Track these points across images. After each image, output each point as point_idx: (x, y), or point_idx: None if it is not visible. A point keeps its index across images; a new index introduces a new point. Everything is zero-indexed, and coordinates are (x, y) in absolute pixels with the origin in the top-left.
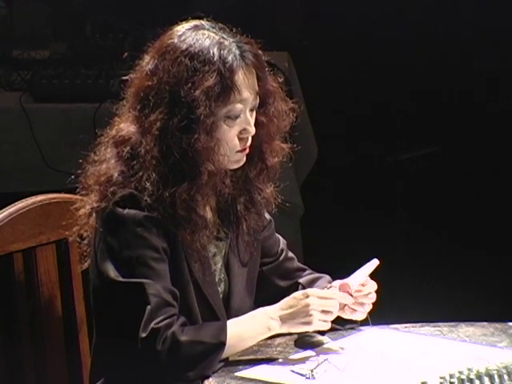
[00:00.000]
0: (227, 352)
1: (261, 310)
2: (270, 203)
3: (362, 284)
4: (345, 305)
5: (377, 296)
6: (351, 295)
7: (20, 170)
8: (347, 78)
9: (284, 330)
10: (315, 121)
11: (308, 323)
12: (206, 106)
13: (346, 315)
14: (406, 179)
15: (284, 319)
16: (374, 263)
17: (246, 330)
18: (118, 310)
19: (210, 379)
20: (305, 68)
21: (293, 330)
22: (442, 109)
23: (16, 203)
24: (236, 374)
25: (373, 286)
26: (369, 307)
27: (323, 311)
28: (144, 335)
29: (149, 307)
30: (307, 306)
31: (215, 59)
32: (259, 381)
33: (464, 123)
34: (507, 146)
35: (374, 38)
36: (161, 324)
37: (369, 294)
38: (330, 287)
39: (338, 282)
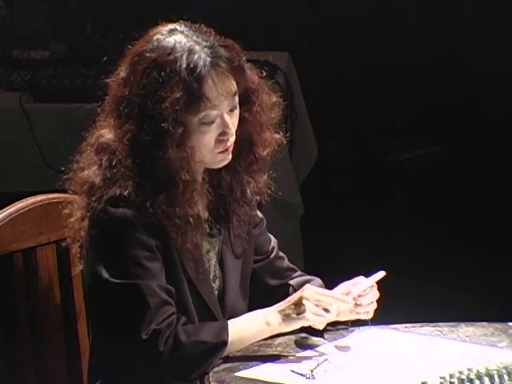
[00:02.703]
0: (229, 350)
1: (259, 309)
2: (263, 193)
3: (364, 290)
4: (352, 309)
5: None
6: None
7: (20, 170)
8: (347, 78)
9: (283, 325)
10: (315, 121)
11: (301, 313)
12: (173, 118)
13: (354, 317)
14: (405, 179)
15: (281, 312)
16: (380, 275)
17: (245, 326)
18: (114, 312)
19: (210, 379)
20: (305, 68)
21: (290, 325)
22: (441, 109)
23: (16, 203)
24: (236, 374)
25: (375, 295)
26: (370, 314)
27: (318, 306)
28: (145, 337)
29: (148, 308)
30: (301, 297)
31: (182, 69)
32: (259, 381)
33: (464, 123)
34: (507, 146)
35: (374, 38)
36: (162, 325)
37: (371, 303)
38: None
39: (341, 286)
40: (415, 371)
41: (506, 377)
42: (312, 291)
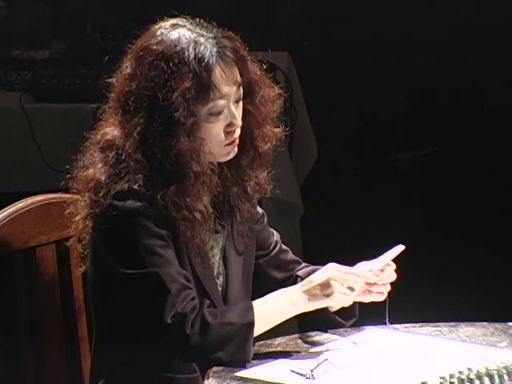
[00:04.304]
0: (256, 331)
1: (283, 289)
2: (264, 189)
3: (382, 269)
4: (366, 288)
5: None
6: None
7: (20, 170)
8: (347, 78)
9: (308, 305)
10: (315, 121)
11: (329, 295)
12: (185, 108)
13: (367, 298)
14: (405, 179)
15: (306, 292)
16: (399, 248)
17: (271, 307)
18: (135, 303)
19: (210, 379)
20: (305, 68)
21: (316, 305)
22: (442, 109)
23: (16, 203)
24: (236, 374)
25: (392, 276)
26: (384, 296)
27: (343, 285)
28: (170, 321)
29: (169, 293)
30: (329, 278)
31: (190, 59)
32: (259, 381)
33: (464, 123)
34: (507, 146)
35: (374, 38)
36: (186, 309)
37: (385, 284)
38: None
39: (360, 265)
40: (415, 371)
41: (506, 377)
42: (337, 270)
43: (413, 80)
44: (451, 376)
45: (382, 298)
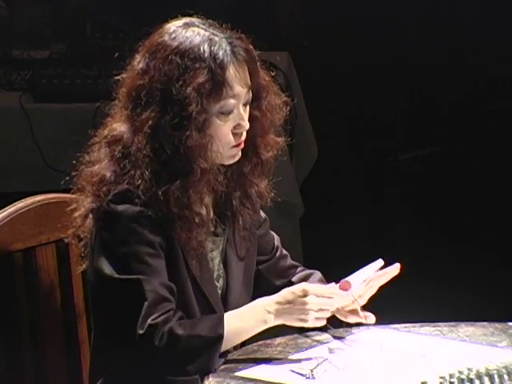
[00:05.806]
0: (225, 345)
1: (258, 302)
2: (265, 197)
3: (364, 280)
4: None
5: (377, 296)
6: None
7: (20, 170)
8: (347, 78)
9: (279, 322)
10: (315, 121)
11: (303, 320)
12: (198, 102)
13: (345, 319)
14: (405, 179)
15: (280, 313)
16: (379, 263)
17: (243, 323)
18: (115, 307)
19: (210, 379)
20: (305, 68)
21: (288, 324)
22: (441, 109)
23: (16, 203)
24: (236, 373)
25: (378, 280)
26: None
27: (320, 310)
28: (141, 332)
29: (146, 303)
30: (305, 304)
31: (206, 56)
32: (259, 381)
33: (464, 123)
34: (508, 146)
35: (374, 38)
36: (158, 320)
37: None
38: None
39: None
40: (415, 371)
41: (506, 377)
42: (315, 295)
43: (413, 80)
44: (451, 376)
45: (359, 320)
